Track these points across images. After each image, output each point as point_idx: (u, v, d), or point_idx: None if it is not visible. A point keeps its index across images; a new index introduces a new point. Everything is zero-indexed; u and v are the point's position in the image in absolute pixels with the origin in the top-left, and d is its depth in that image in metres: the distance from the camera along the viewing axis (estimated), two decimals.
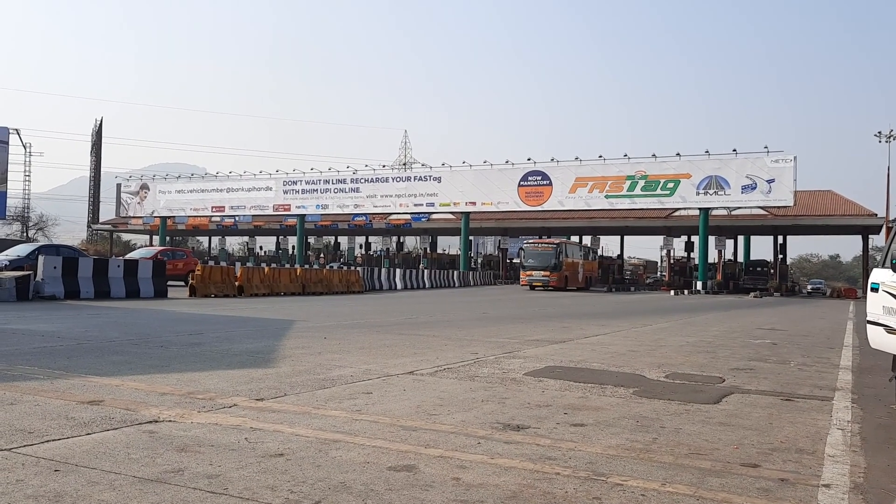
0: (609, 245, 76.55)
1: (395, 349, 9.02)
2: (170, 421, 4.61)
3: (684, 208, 46.42)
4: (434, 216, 55.25)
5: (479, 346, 9.61)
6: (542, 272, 40.15)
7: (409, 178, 54.75)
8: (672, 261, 62.02)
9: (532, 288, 40.27)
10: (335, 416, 4.91)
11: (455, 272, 45.64)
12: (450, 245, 77.10)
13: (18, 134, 65.07)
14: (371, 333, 11.05)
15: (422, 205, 52.59)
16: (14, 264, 20.32)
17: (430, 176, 53.02)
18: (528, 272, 40.90)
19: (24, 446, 3.89)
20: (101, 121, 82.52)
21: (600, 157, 47.09)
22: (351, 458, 3.88)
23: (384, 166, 59.74)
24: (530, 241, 46.51)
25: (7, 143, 63.55)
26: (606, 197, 46.41)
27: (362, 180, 55.22)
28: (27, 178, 66.56)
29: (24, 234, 65.47)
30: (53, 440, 4.04)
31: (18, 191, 66.29)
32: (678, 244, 58.08)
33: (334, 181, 56.57)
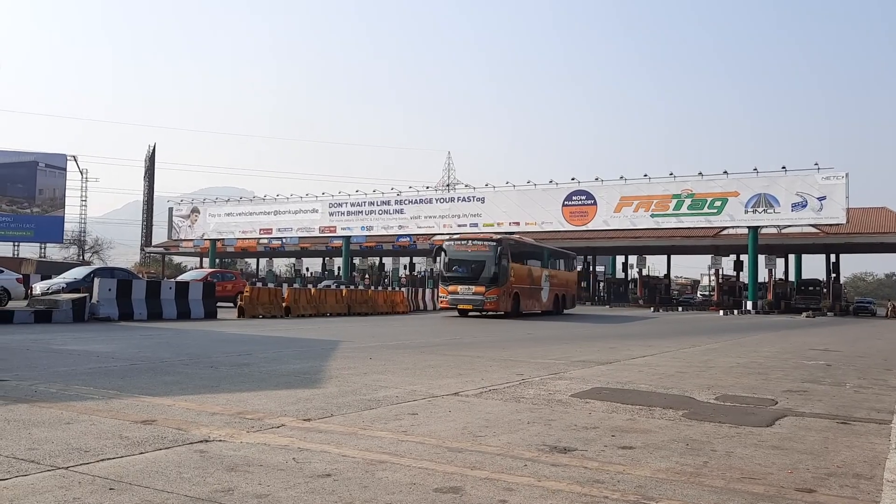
0: (655, 264, 75.61)
1: (439, 370, 9.03)
2: (220, 441, 4.68)
3: (732, 227, 45.64)
4: None
5: (524, 367, 9.55)
6: (473, 287, 25.67)
7: (452, 199, 54.97)
8: (720, 280, 60.92)
9: (462, 314, 26.74)
10: (381, 437, 4.93)
11: None
12: None
13: (76, 161, 67.18)
14: (415, 354, 11.08)
15: (465, 225, 52.67)
16: (71, 286, 20.94)
17: (473, 196, 53.15)
18: (452, 286, 26.12)
19: (81, 465, 3.99)
20: (154, 147, 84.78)
21: (645, 175, 46.67)
22: (397, 479, 3.89)
23: (428, 187, 60.14)
24: (455, 236, 31.09)
25: (65, 169, 65.57)
26: (652, 216, 45.89)
27: (406, 202, 55.61)
28: (84, 203, 68.57)
29: (81, 258, 67.30)
30: (108, 459, 4.14)
31: (75, 215, 68.32)
32: (726, 263, 57.05)
33: (379, 203, 57.09)
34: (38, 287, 22.43)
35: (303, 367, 8.99)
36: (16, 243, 64.14)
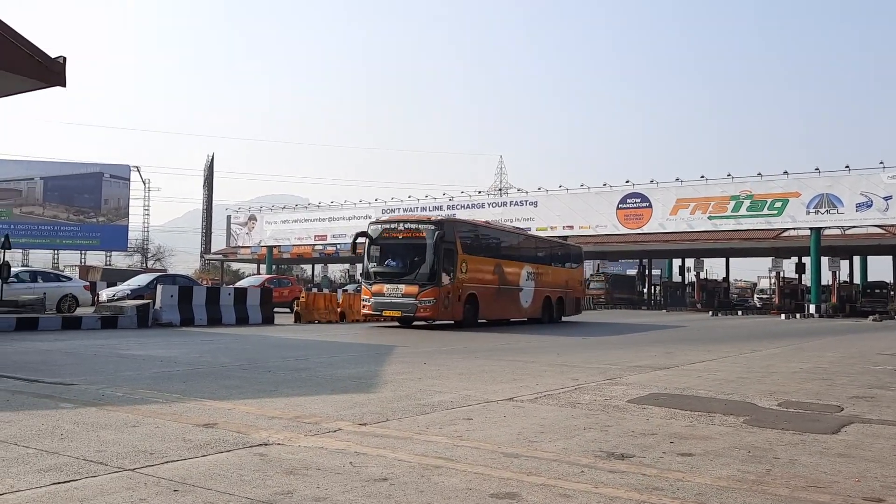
0: (713, 267, 74.10)
1: (493, 375, 9.01)
2: (279, 444, 4.77)
3: (794, 228, 44.41)
4: None
5: (579, 373, 9.47)
6: (404, 287, 18.94)
7: (504, 204, 54.85)
8: (781, 283, 59.36)
9: (405, 323, 20.32)
10: (436, 442, 4.95)
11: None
12: None
13: (139, 171, 69.20)
14: (469, 359, 11.08)
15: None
16: (135, 293, 21.59)
17: (525, 200, 52.94)
18: (377, 285, 19.45)
19: (147, 466, 4.11)
20: (213, 156, 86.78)
21: (702, 177, 45.76)
22: (453, 484, 3.90)
23: (480, 192, 60.12)
24: (383, 218, 25.61)
25: (128, 179, 67.61)
26: (710, 218, 44.96)
27: (458, 206, 55.72)
28: (146, 212, 70.58)
29: (144, 265, 69.27)
30: (172, 461, 4.25)
31: (139, 224, 70.34)
32: (787, 265, 55.54)
33: (431, 208, 57.31)
34: (105, 294, 23.20)
35: (358, 372, 9.08)
36: (83, 251, 66.40)
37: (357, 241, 20.92)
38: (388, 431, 5.28)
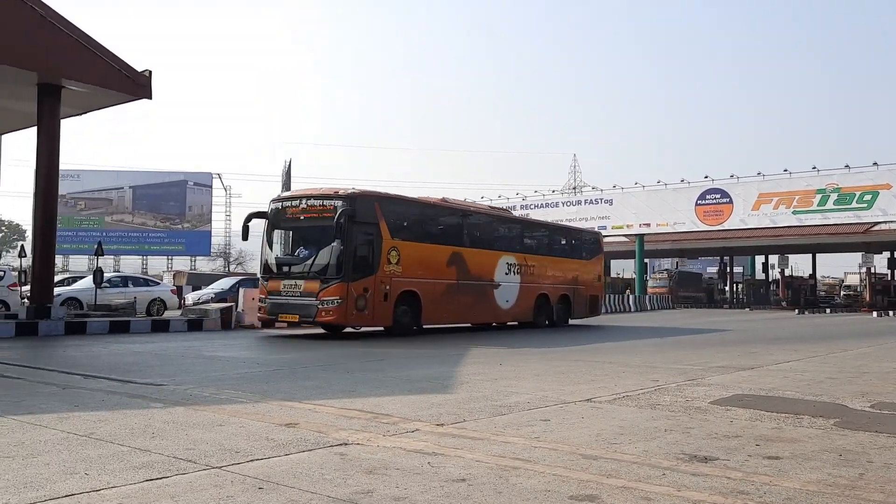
0: (798, 264, 71.43)
1: (570, 376, 8.93)
2: (358, 444, 4.84)
3: (885, 221, 42.35)
4: (606, 239, 54.26)
5: (658, 374, 9.28)
6: (303, 283, 14.78)
7: (579, 202, 54.25)
8: (872, 279, 56.74)
9: (332, 330, 16.22)
10: (514, 443, 4.94)
11: (630, 296, 44.40)
12: (623, 268, 75.27)
13: (220, 178, 71.48)
14: (545, 360, 11.00)
15: (593, 228, 51.86)
16: (218, 296, 22.35)
17: (601, 199, 52.21)
18: (273, 281, 15.35)
19: (232, 464, 4.24)
20: (290, 162, 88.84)
21: (785, 170, 44.13)
22: (532, 486, 3.88)
23: (553, 191, 59.65)
24: (285, 194, 17.21)
25: (211, 186, 69.93)
26: (794, 213, 43.34)
27: (532, 206, 55.40)
28: (228, 217, 72.81)
29: (227, 269, 71.47)
30: (257, 459, 4.37)
31: (221, 229, 72.62)
32: (879, 261, 53.03)
33: (504, 208, 57.20)
34: (190, 297, 24.10)
35: (434, 373, 9.14)
36: (169, 257, 69.03)
37: (249, 223, 16.04)
38: (465, 432, 5.29)
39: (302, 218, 15.11)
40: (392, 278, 15.34)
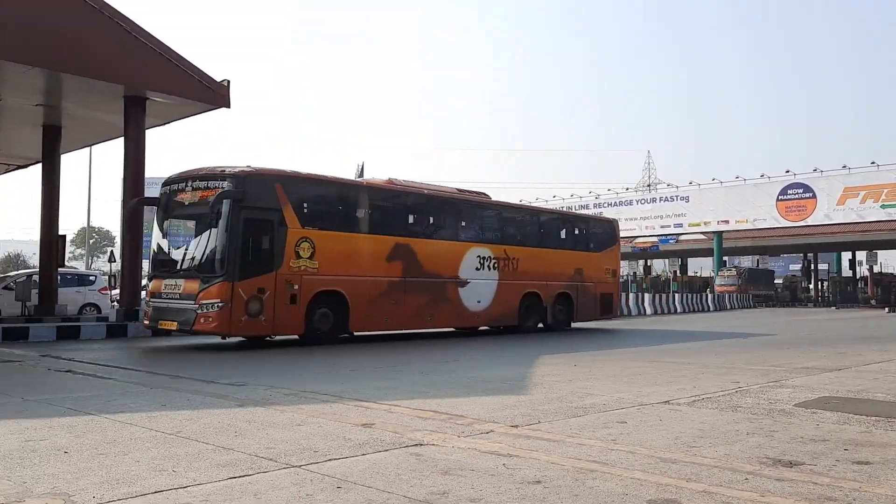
0: (889, 260, 68.22)
1: (647, 377, 8.76)
2: (433, 444, 4.88)
3: None
4: (683, 237, 53.03)
5: (739, 375, 9.01)
6: (183, 283, 12.32)
7: (654, 200, 53.21)
8: None
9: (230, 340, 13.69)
10: (590, 445, 4.88)
11: (709, 295, 43.26)
12: (701, 267, 73.45)
13: None
14: (620, 360, 10.84)
15: (669, 226, 50.70)
16: None
17: (676, 196, 51.06)
18: (155, 282, 12.94)
19: (311, 464, 4.34)
20: (363, 166, 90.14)
21: (873, 163, 42.18)
22: (609, 489, 3.83)
23: (627, 189, 58.68)
24: (175, 175, 13.26)
25: None
26: (883, 206, 41.39)
27: (605, 204, 54.65)
28: None
29: None
30: (334, 459, 4.46)
31: None
32: None
33: (577, 207, 56.62)
34: None
35: (508, 374, 9.12)
36: None
37: (133, 211, 14.19)
38: (539, 434, 5.27)
39: (187, 204, 12.64)
40: (303, 276, 12.72)
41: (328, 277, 13.16)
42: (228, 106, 15.58)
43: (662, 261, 67.09)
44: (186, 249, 12.68)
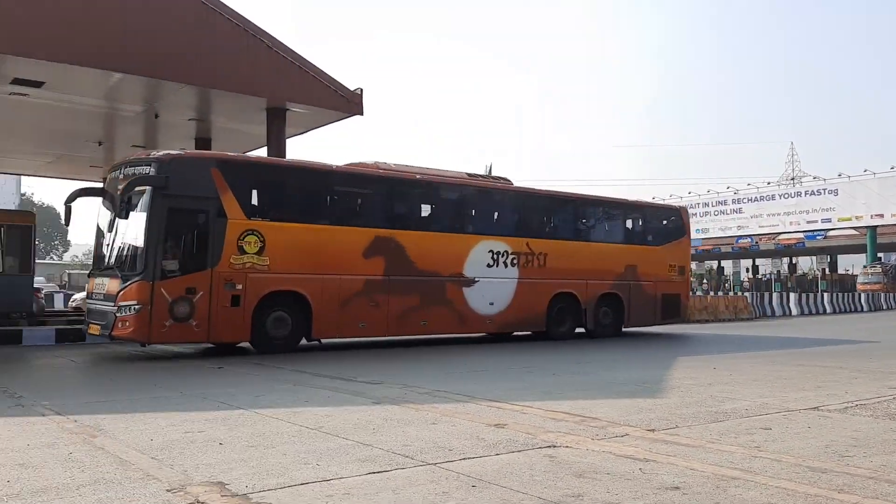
0: None
1: (793, 381, 8.30)
2: (566, 447, 4.86)
3: None
4: (831, 233, 49.72)
5: None
6: (107, 282, 11.06)
7: (798, 194, 50.33)
8: None
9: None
10: (731, 452, 4.70)
11: (861, 295, 40.31)
12: (853, 264, 68.58)
13: None
14: (763, 364, 10.32)
15: (816, 221, 47.79)
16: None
17: (824, 189, 48.02)
18: (90, 282, 12.16)
19: (446, 462, 4.43)
20: (490, 167, 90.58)
21: None
22: (752, 498, 3.68)
23: (769, 183, 55.73)
24: (117, 162, 12.87)
25: None
26: None
27: (745, 200, 52.23)
28: None
29: None
30: (468, 458, 4.53)
31: None
32: None
33: (714, 203, 54.40)
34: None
35: (642, 376, 8.91)
36: None
37: (72, 203, 12.16)
38: (678, 439, 5.12)
39: (116, 193, 11.22)
40: (248, 274, 11.16)
41: (283, 276, 11.52)
42: (361, 113, 16.11)
43: (809, 258, 63.28)
44: (111, 244, 11.54)
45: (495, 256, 14.03)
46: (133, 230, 10.84)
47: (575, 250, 15.46)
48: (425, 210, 14.15)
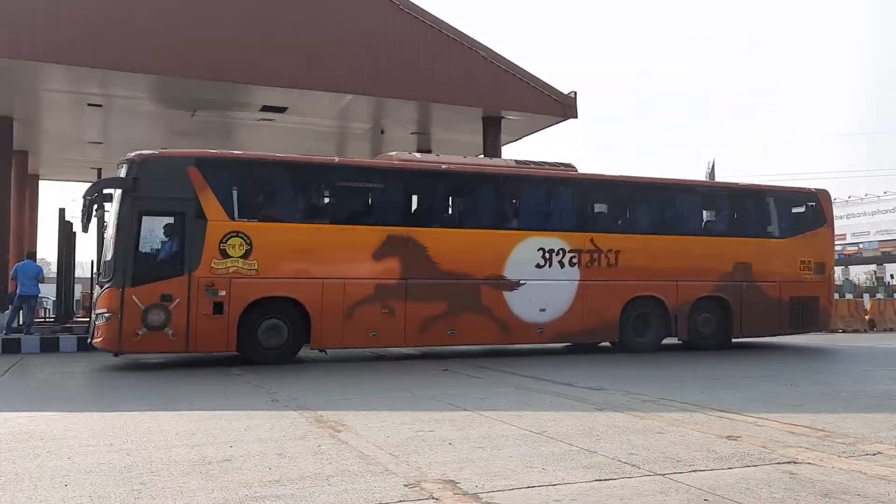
0: None
1: None
2: (808, 463, 4.52)
3: None
4: None
5: None
6: (97, 290, 11.46)
7: None
8: None
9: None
10: None
11: None
12: None
13: None
14: None
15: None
16: None
17: None
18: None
19: (675, 473, 4.30)
20: (713, 163, 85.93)
21: None
22: None
23: None
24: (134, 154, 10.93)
25: None
26: None
27: None
28: None
29: None
30: (699, 470, 4.37)
31: None
32: None
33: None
34: None
35: (893, 390, 8.03)
36: None
37: (94, 205, 10.68)
38: None
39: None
40: (233, 279, 10.42)
41: (274, 281, 10.71)
42: (576, 116, 16.08)
43: None
44: (100, 251, 11.66)
45: (547, 255, 12.18)
46: (108, 236, 10.67)
47: (659, 246, 13.00)
48: (452, 205, 12.79)
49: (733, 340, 13.55)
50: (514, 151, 19.85)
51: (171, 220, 10.55)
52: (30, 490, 4.01)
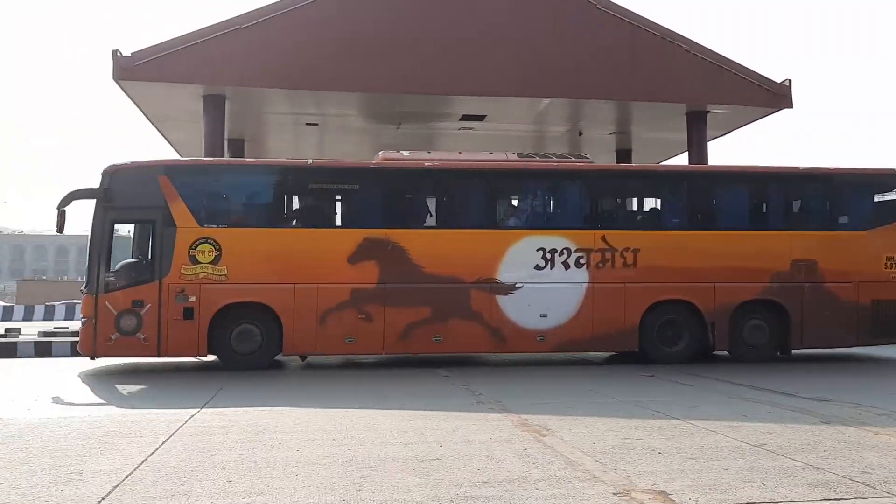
0: None
1: None
2: None
3: None
4: None
5: None
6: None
7: None
8: None
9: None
10: None
11: None
12: None
13: None
14: None
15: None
16: None
17: None
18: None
19: None
20: None
21: None
22: None
23: None
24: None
25: None
26: None
27: None
28: None
29: None
30: None
31: None
32: None
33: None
34: None
35: None
36: None
37: (64, 209, 10.87)
38: None
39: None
40: (202, 285, 10.46)
41: (244, 286, 10.64)
42: (791, 106, 14.96)
43: None
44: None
45: (548, 256, 11.10)
46: (88, 244, 10.91)
47: (688, 243, 11.43)
48: (436, 204, 11.82)
49: (792, 352, 11.66)
50: (722, 146, 18.87)
51: (142, 227, 10.99)
52: (267, 478, 4.43)
